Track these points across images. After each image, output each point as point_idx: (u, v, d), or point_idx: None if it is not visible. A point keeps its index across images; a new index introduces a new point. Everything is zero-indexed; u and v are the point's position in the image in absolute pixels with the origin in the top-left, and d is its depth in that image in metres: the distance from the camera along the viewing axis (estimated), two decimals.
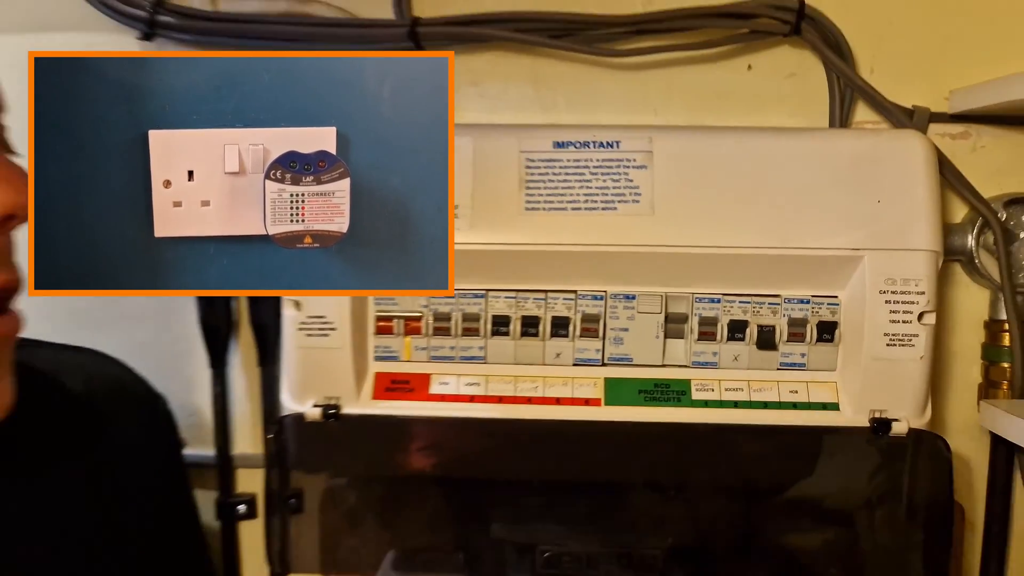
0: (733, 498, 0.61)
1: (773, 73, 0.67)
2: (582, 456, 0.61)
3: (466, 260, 0.59)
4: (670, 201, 0.59)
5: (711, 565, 0.62)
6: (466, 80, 0.67)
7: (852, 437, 0.59)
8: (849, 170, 0.59)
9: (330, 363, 0.60)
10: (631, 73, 0.67)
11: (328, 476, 0.63)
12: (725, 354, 0.60)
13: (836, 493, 0.61)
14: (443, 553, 0.63)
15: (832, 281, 0.60)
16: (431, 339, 0.61)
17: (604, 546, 0.60)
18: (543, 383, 0.61)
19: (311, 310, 0.60)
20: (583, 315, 0.61)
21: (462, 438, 0.62)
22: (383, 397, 0.61)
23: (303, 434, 0.61)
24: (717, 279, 0.60)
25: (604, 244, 0.59)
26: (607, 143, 0.60)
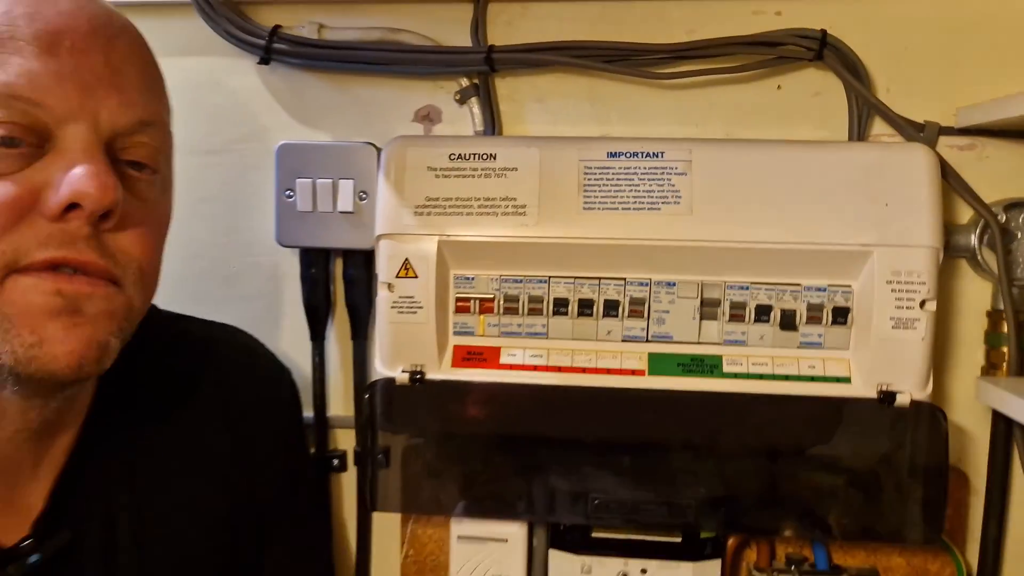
0: (757, 457, 0.70)
1: (800, 92, 0.75)
2: (628, 419, 0.71)
3: (533, 251, 0.70)
4: (706, 203, 0.69)
5: (738, 514, 0.71)
6: (532, 98, 0.77)
7: (862, 406, 0.68)
8: (862, 177, 0.68)
9: (417, 336, 0.71)
10: (674, 92, 0.76)
11: (411, 431, 0.74)
12: (752, 334, 0.70)
13: (847, 454, 0.69)
14: (507, 499, 0.74)
15: (845, 272, 0.69)
16: (502, 317, 0.72)
17: (646, 495, 0.71)
18: (596, 356, 0.71)
19: (402, 291, 0.71)
20: (631, 299, 0.71)
21: (526, 401, 0.72)
22: (460, 365, 0.72)
23: (392, 395, 0.73)
24: (746, 269, 0.69)
25: (649, 239, 0.69)
26: (653, 153, 0.70)
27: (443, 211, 0.71)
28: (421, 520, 0.80)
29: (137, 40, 0.56)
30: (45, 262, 0.49)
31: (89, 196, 0.49)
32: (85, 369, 0.51)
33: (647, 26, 0.75)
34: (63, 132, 0.50)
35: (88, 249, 0.50)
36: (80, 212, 0.49)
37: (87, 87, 0.50)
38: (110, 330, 0.52)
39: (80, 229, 0.49)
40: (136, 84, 0.53)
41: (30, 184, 0.49)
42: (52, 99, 0.49)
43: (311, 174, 0.76)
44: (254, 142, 0.80)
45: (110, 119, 0.51)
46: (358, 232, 0.75)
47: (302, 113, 0.80)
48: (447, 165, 0.71)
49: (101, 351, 0.51)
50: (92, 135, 0.51)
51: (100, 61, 0.51)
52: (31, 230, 0.49)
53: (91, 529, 0.58)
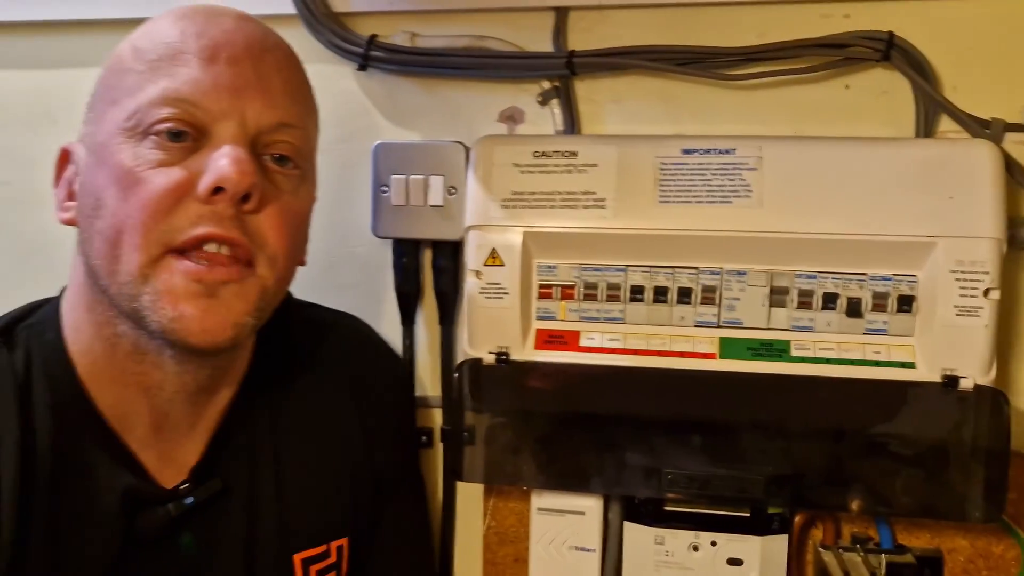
0: (824, 436, 0.74)
1: (867, 91, 0.78)
2: (699, 399, 0.75)
3: (611, 241, 0.75)
4: (776, 196, 0.73)
5: (804, 491, 0.75)
6: (610, 99, 0.82)
7: (926, 390, 0.71)
8: (927, 172, 0.71)
9: (502, 320, 0.77)
10: (745, 92, 0.80)
11: (496, 409, 0.80)
12: (819, 320, 0.74)
13: (911, 435, 0.72)
14: (585, 474, 0.79)
15: (911, 262, 0.72)
16: (581, 303, 0.77)
17: (716, 471, 0.75)
18: (669, 340, 0.76)
19: (489, 278, 0.77)
20: (703, 287, 0.75)
21: (603, 382, 0.77)
22: (542, 348, 0.77)
23: (479, 375, 0.78)
24: (814, 259, 0.73)
25: (721, 230, 0.73)
26: (725, 150, 0.75)
27: (528, 204, 0.76)
28: (502, 494, 0.85)
29: (286, 55, 0.64)
30: (197, 239, 0.57)
31: (230, 179, 0.57)
32: (218, 343, 0.59)
33: (719, 30, 0.79)
34: (216, 128, 0.59)
35: (232, 227, 0.58)
36: (224, 195, 0.58)
37: (237, 91, 0.59)
38: (242, 311, 0.60)
39: (225, 210, 0.58)
40: (280, 90, 0.62)
41: (189, 172, 0.58)
42: (208, 101, 0.58)
43: (404, 171, 0.82)
44: (352, 142, 0.87)
45: (255, 118, 0.60)
46: (447, 224, 0.82)
47: (396, 115, 0.87)
48: (531, 162, 0.77)
49: (234, 329, 0.59)
50: (239, 131, 0.59)
51: (250, 70, 0.60)
52: (186, 211, 0.57)
53: (238, 479, 0.67)
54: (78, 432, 0.62)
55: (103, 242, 0.58)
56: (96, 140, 0.61)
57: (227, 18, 0.62)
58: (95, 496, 0.61)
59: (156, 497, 0.63)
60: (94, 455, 0.62)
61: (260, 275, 0.61)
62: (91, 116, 0.63)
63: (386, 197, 0.83)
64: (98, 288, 0.60)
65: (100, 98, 0.62)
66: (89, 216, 0.60)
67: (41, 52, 0.94)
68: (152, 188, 0.57)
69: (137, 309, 0.58)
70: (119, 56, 0.62)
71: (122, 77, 0.60)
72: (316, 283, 0.88)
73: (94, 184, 0.60)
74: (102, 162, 0.59)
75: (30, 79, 0.95)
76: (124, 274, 0.57)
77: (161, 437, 0.64)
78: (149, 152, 0.58)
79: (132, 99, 0.59)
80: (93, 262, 0.60)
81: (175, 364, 0.62)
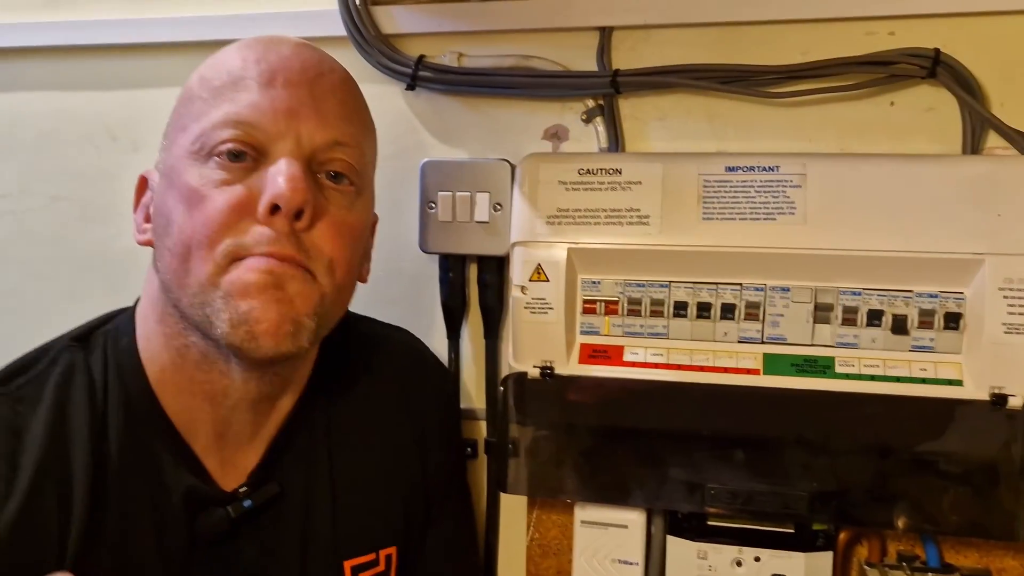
0: (869, 453, 0.74)
1: (913, 108, 0.78)
2: (743, 415, 0.76)
3: (655, 258, 0.76)
4: (820, 213, 0.73)
5: (849, 508, 0.75)
6: (654, 116, 0.83)
7: (973, 408, 0.71)
8: (974, 189, 0.71)
9: (547, 334, 0.78)
10: (789, 109, 0.80)
11: (540, 422, 0.81)
12: (864, 337, 0.74)
13: (958, 453, 0.72)
14: (628, 488, 0.79)
15: (958, 279, 0.72)
16: (625, 319, 0.78)
17: (760, 486, 0.75)
18: (713, 355, 0.76)
19: (534, 293, 0.78)
20: (746, 303, 0.76)
21: (647, 397, 0.77)
22: (586, 362, 0.79)
23: (524, 388, 0.80)
24: (858, 276, 0.73)
25: (764, 247, 0.74)
26: (768, 167, 0.75)
27: (572, 221, 0.78)
28: (546, 506, 0.86)
29: (341, 78, 0.67)
30: (258, 256, 0.60)
31: (283, 196, 0.60)
32: (281, 339, 0.61)
33: (763, 48, 0.80)
34: (274, 148, 0.62)
35: (288, 245, 0.61)
36: (280, 213, 0.60)
37: (293, 112, 0.62)
38: (304, 310, 0.62)
39: (282, 228, 0.61)
40: (334, 111, 0.65)
41: (249, 190, 0.61)
42: (266, 122, 0.61)
43: (451, 188, 0.84)
44: (401, 160, 0.89)
45: (310, 137, 0.63)
46: (492, 240, 0.83)
47: (443, 133, 0.89)
48: (576, 179, 0.78)
49: (296, 327, 0.61)
50: (294, 149, 0.62)
51: (305, 93, 0.63)
52: (249, 228, 0.60)
53: (295, 484, 0.70)
54: (147, 432, 0.65)
55: (172, 257, 0.62)
56: (167, 165, 0.65)
57: (285, 45, 0.65)
58: (160, 493, 0.64)
59: (216, 498, 0.66)
60: (161, 455, 0.65)
61: (320, 283, 0.63)
62: (164, 144, 0.67)
63: (433, 213, 0.85)
64: (169, 301, 0.63)
65: (172, 126, 0.66)
66: (161, 235, 0.63)
67: (98, 74, 0.98)
68: (215, 205, 0.60)
69: (208, 315, 0.60)
70: (188, 86, 0.66)
71: (190, 105, 0.64)
72: (364, 297, 0.89)
73: (165, 205, 0.63)
74: (172, 184, 0.63)
75: (87, 100, 0.99)
76: (193, 285, 0.61)
77: (223, 444, 0.67)
78: (212, 172, 0.61)
79: (197, 124, 0.62)
80: (164, 277, 0.63)
81: (241, 372, 0.64)
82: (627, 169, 0.77)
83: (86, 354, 0.66)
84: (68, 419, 0.63)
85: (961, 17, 0.76)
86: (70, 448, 0.62)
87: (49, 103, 0.99)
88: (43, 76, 0.99)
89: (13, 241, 1.02)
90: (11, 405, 0.62)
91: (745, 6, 0.79)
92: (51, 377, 0.64)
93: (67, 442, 0.62)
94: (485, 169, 0.84)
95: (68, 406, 0.63)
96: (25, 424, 0.62)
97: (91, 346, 0.67)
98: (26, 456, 0.60)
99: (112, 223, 0.99)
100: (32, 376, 0.64)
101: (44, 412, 0.62)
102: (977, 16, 0.76)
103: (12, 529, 0.58)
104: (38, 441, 0.61)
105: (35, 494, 0.60)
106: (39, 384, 0.64)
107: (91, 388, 0.64)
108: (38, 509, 0.60)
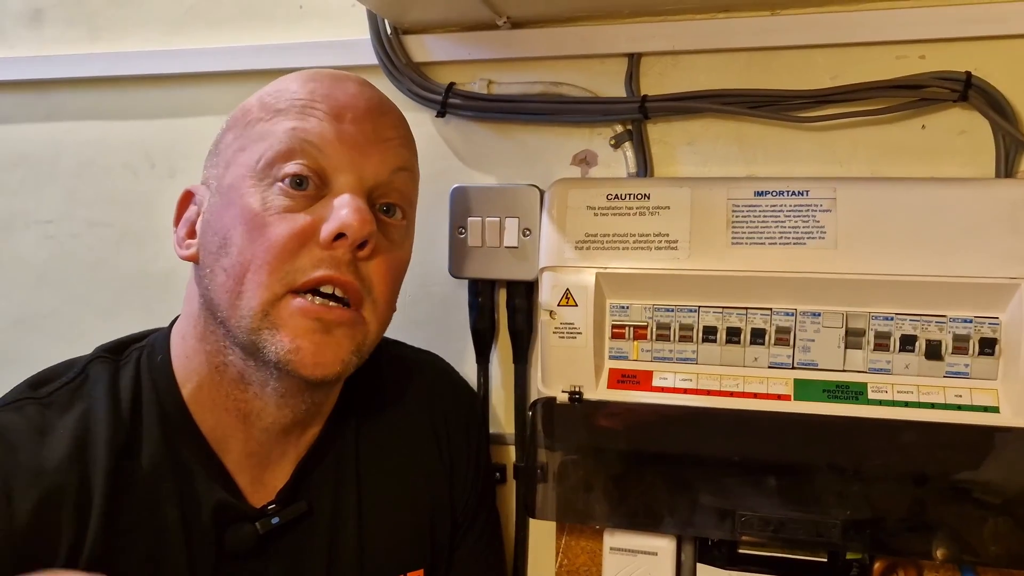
0: (904, 481, 0.72)
1: (945, 132, 0.78)
2: (774, 441, 0.75)
3: (684, 282, 0.76)
4: (851, 238, 0.73)
5: (884, 537, 0.73)
6: (683, 141, 0.84)
7: (1011, 435, 0.70)
8: (1009, 213, 0.70)
9: (576, 359, 0.78)
10: (819, 134, 0.80)
11: (569, 446, 0.81)
12: (897, 363, 0.73)
13: (997, 480, 0.70)
14: (658, 514, 0.79)
15: (993, 304, 0.71)
16: (654, 343, 0.78)
17: (791, 514, 0.74)
18: (743, 381, 0.76)
19: (563, 318, 0.78)
20: (776, 328, 0.75)
21: (676, 422, 0.77)
22: (615, 387, 0.78)
23: (553, 413, 0.80)
24: (890, 301, 0.73)
25: (794, 272, 0.73)
26: (798, 192, 0.75)
27: (601, 246, 0.78)
28: (575, 532, 0.86)
29: (399, 117, 0.70)
30: (316, 280, 0.62)
31: (351, 227, 0.62)
32: (327, 376, 0.63)
33: (792, 73, 0.80)
34: (337, 179, 0.64)
35: (349, 272, 0.63)
36: (344, 241, 0.62)
37: (358, 147, 0.64)
38: (349, 349, 0.64)
39: (344, 255, 0.63)
40: (395, 146, 0.67)
41: (312, 218, 0.63)
42: (333, 152, 0.63)
43: (480, 213, 0.85)
44: (430, 185, 0.89)
45: (373, 171, 0.65)
46: (521, 265, 0.84)
47: (473, 159, 0.90)
48: (605, 204, 0.78)
49: (342, 365, 0.64)
50: (358, 183, 0.64)
51: (370, 130, 0.65)
52: (308, 254, 0.62)
53: (323, 503, 0.70)
54: (181, 445, 0.66)
55: (228, 278, 0.63)
56: (224, 183, 0.65)
57: (351, 83, 0.68)
58: (191, 506, 0.65)
59: (245, 514, 0.67)
60: (194, 468, 0.66)
61: (366, 319, 0.65)
62: (216, 160, 0.68)
63: (463, 238, 0.85)
64: (215, 319, 0.64)
65: (227, 146, 0.67)
66: (214, 253, 0.64)
67: (137, 103, 1.01)
68: (279, 232, 0.62)
69: (255, 341, 0.62)
70: (246, 108, 0.68)
71: (251, 127, 0.66)
72: (396, 321, 0.89)
73: (221, 224, 0.64)
74: (230, 203, 0.64)
75: (127, 128, 1.02)
76: (246, 308, 0.62)
77: (254, 463, 0.68)
78: (276, 198, 0.63)
79: (261, 143, 0.64)
80: (214, 295, 0.64)
81: (277, 396, 0.66)
82: (655, 194, 0.78)
83: (117, 366, 0.68)
84: (92, 428, 0.64)
85: (992, 40, 0.76)
86: (92, 456, 0.63)
87: (90, 132, 1.02)
88: (85, 106, 1.02)
89: (54, 265, 1.04)
90: (40, 409, 0.64)
91: (773, 32, 0.80)
92: (81, 386, 0.66)
93: (89, 450, 0.63)
94: (514, 194, 0.84)
95: (93, 415, 0.64)
96: (51, 426, 0.63)
97: (123, 360, 0.68)
98: (49, 456, 0.61)
99: (149, 247, 1.01)
100: (62, 383, 0.66)
101: (71, 419, 0.64)
102: (1008, 39, 0.76)
103: (29, 522, 0.59)
104: (63, 444, 0.62)
105: (54, 494, 0.60)
106: (69, 392, 0.65)
107: (117, 400, 0.65)
108: (56, 506, 0.60)
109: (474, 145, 0.90)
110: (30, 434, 0.62)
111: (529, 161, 0.88)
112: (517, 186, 0.85)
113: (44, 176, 1.04)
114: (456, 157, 0.90)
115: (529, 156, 0.88)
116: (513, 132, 0.88)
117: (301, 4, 0.94)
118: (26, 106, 1.04)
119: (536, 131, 0.88)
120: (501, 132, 0.89)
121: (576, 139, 0.87)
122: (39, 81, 1.02)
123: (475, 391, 0.88)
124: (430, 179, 0.90)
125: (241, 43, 0.95)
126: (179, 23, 0.98)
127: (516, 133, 0.88)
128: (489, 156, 0.89)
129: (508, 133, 0.89)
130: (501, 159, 0.89)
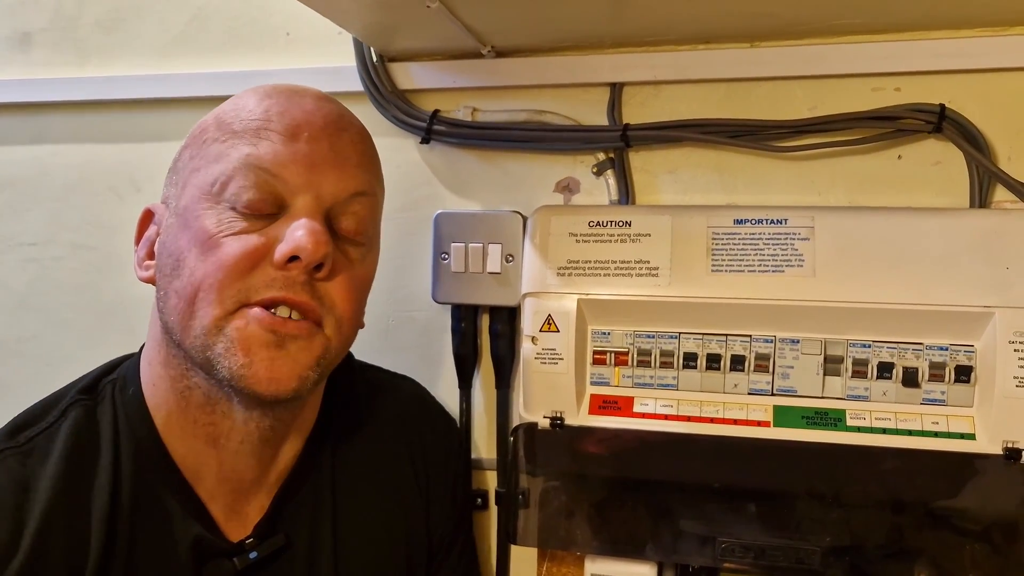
0: (883, 508, 0.73)
1: (920, 162, 0.79)
2: (754, 467, 0.75)
3: (664, 309, 0.76)
4: (829, 266, 0.74)
5: (863, 563, 0.73)
6: (664, 169, 0.85)
7: (987, 462, 0.70)
8: (982, 242, 0.71)
9: (557, 385, 0.79)
10: (797, 163, 0.81)
11: (550, 472, 0.81)
12: (875, 390, 0.74)
13: (974, 508, 0.71)
14: (639, 540, 0.78)
15: (968, 332, 0.72)
16: (635, 369, 0.78)
17: (772, 540, 0.74)
18: (723, 407, 0.76)
19: (545, 344, 0.79)
20: (756, 354, 0.76)
21: (657, 448, 0.77)
22: (596, 413, 0.79)
23: (534, 438, 0.80)
24: (868, 328, 0.74)
25: (773, 299, 0.74)
26: (777, 220, 0.76)
27: (583, 272, 0.79)
28: (556, 559, 0.86)
29: (360, 133, 0.68)
30: (269, 300, 0.61)
31: (305, 249, 0.60)
32: (281, 393, 0.62)
33: (771, 104, 0.82)
34: (294, 200, 0.63)
35: (303, 292, 0.62)
36: (298, 263, 0.61)
37: (315, 166, 0.63)
38: (307, 365, 0.63)
39: (298, 276, 0.61)
40: (354, 164, 0.66)
41: (266, 239, 0.61)
42: (288, 173, 0.62)
43: (464, 239, 0.85)
44: (414, 211, 0.91)
45: (331, 190, 0.64)
46: (504, 291, 0.84)
47: (457, 185, 0.90)
48: (587, 231, 0.79)
49: (299, 381, 0.62)
50: (315, 203, 0.63)
51: (327, 147, 0.64)
52: (262, 274, 0.61)
53: (300, 535, 0.69)
54: (156, 481, 0.65)
55: (179, 300, 0.62)
56: (180, 204, 0.64)
57: (308, 98, 0.66)
58: (169, 544, 0.64)
59: (223, 550, 0.66)
60: (170, 504, 0.65)
61: (327, 335, 0.64)
62: (174, 179, 0.67)
63: (446, 264, 0.86)
64: (173, 343, 0.63)
65: (184, 165, 0.66)
66: (168, 275, 0.63)
67: (123, 127, 1.01)
68: (230, 251, 0.60)
69: (210, 359, 0.61)
70: (203, 127, 0.66)
71: (206, 146, 0.64)
72: (377, 345, 0.92)
73: (176, 245, 0.63)
74: (185, 225, 0.63)
75: (117, 152, 1.02)
76: (198, 328, 0.61)
77: (227, 489, 0.67)
78: (230, 219, 0.61)
79: (216, 166, 0.63)
80: (168, 319, 0.63)
81: (242, 411, 0.65)
82: (637, 221, 0.78)
83: (94, 405, 0.66)
84: (81, 472, 0.63)
85: (965, 74, 0.78)
86: (84, 502, 0.62)
87: (76, 155, 1.02)
88: (70, 129, 1.02)
89: (37, 288, 1.04)
90: (20, 459, 0.62)
91: (753, 63, 0.81)
92: (61, 430, 0.64)
93: (80, 496, 0.62)
94: (497, 221, 0.85)
95: (80, 460, 0.63)
96: (34, 477, 0.62)
97: (98, 397, 0.67)
98: (33, 511, 0.60)
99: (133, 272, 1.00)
100: (41, 429, 0.64)
101: (53, 466, 0.62)
102: (981, 73, 0.77)
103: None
104: (46, 495, 0.61)
105: (41, 550, 0.59)
106: (48, 437, 0.64)
107: (99, 441, 0.64)
108: (43, 566, 0.59)
109: (458, 171, 0.90)
110: (11, 488, 0.61)
111: (512, 188, 0.89)
112: (500, 212, 0.86)
113: (28, 199, 1.04)
114: (440, 183, 0.91)
115: (512, 183, 0.89)
116: (497, 159, 0.89)
117: (288, 31, 0.95)
118: (12, 129, 1.04)
119: (519, 158, 0.89)
120: (485, 159, 0.90)
121: (559, 166, 0.88)
122: (25, 104, 1.03)
123: (452, 416, 0.88)
124: (414, 205, 0.91)
125: (228, 69, 0.96)
126: (167, 49, 0.99)
127: (500, 160, 0.89)
128: (473, 182, 0.90)
129: (492, 160, 0.89)
130: (485, 185, 0.90)
